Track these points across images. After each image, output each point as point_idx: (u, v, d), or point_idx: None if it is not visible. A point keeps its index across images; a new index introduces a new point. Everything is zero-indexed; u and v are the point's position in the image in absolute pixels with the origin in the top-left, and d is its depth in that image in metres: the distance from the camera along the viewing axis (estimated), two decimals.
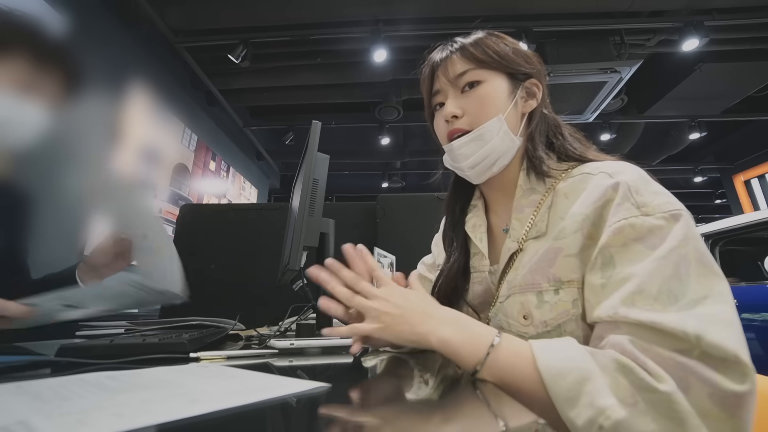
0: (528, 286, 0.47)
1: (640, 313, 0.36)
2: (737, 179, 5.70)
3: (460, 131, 0.57)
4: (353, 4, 2.86)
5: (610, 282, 0.40)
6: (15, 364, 0.42)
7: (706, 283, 0.37)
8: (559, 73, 3.06)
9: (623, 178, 0.44)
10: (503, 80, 0.57)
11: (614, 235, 0.41)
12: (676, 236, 0.38)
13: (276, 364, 0.48)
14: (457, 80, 0.57)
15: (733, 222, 2.39)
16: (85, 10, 2.30)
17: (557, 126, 0.59)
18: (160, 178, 3.09)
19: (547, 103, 0.60)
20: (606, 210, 0.43)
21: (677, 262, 0.37)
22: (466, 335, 0.40)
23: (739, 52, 3.50)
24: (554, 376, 0.34)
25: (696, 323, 0.34)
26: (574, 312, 0.43)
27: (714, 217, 3.73)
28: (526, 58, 0.59)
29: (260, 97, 4.13)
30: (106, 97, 2.44)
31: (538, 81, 0.59)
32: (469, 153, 0.56)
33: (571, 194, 0.49)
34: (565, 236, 0.45)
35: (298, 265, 0.66)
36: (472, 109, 0.56)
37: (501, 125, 0.55)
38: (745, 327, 2.05)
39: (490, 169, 0.58)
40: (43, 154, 0.55)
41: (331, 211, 0.78)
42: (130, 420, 0.21)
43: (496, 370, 0.38)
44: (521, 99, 0.58)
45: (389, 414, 0.29)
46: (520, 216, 0.54)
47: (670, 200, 0.42)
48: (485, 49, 0.57)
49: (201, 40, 3.15)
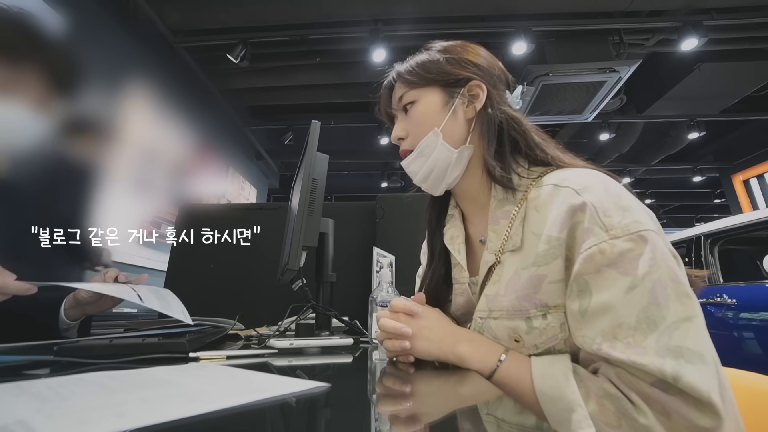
0: (516, 312, 0.47)
1: (621, 353, 0.38)
2: (736, 179, 5.71)
3: (407, 152, 0.60)
4: (352, 4, 2.86)
5: (588, 311, 0.41)
6: (15, 363, 0.42)
7: (685, 301, 0.38)
8: (558, 73, 3.06)
9: (589, 198, 0.43)
10: (437, 93, 0.58)
11: (586, 263, 0.41)
12: (647, 260, 0.39)
13: (275, 363, 0.48)
14: (399, 104, 0.61)
15: (732, 221, 2.39)
16: (84, 10, 2.30)
17: (516, 124, 0.56)
18: (159, 177, 3.08)
19: (501, 101, 0.57)
20: (577, 232, 0.43)
21: (652, 289, 0.38)
22: (478, 351, 0.47)
23: (738, 52, 3.51)
24: (547, 401, 0.40)
25: (673, 364, 0.36)
26: (562, 336, 0.45)
27: (713, 216, 3.74)
28: (461, 64, 0.58)
29: (259, 96, 4.13)
30: (105, 97, 2.44)
31: (482, 82, 0.57)
32: (416, 170, 0.59)
33: (541, 208, 0.48)
34: (546, 262, 0.45)
35: (298, 265, 0.66)
36: (411, 129, 0.60)
37: (437, 138, 0.56)
38: (745, 327, 2.07)
39: (443, 180, 0.58)
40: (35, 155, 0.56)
41: (330, 210, 0.78)
42: (129, 419, 0.21)
43: (502, 384, 0.44)
44: (462, 105, 0.57)
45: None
46: (496, 228, 0.54)
47: (638, 218, 0.42)
48: (412, 69, 0.59)
49: (200, 39, 3.15)
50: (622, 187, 0.47)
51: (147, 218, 2.93)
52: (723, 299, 2.18)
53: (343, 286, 0.85)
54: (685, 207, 8.34)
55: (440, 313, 0.55)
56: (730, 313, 2.15)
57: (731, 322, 2.13)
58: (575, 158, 0.55)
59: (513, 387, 0.43)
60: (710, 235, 2.46)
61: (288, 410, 0.28)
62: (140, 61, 2.86)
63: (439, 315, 0.54)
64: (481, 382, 0.42)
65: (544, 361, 0.43)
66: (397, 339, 0.49)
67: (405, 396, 0.37)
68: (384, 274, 0.68)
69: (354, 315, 0.83)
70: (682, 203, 8.13)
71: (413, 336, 0.49)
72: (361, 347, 0.63)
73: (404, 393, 0.38)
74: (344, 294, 0.88)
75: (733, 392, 0.41)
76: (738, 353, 2.08)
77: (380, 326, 0.51)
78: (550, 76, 3.07)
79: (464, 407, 0.34)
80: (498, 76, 0.59)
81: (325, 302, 0.74)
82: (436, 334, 0.50)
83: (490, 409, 0.33)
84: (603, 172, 0.49)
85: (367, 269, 1.08)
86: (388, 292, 0.66)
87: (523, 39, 2.93)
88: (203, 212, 1.40)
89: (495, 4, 2.87)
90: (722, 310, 2.18)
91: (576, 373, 0.41)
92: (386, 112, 0.65)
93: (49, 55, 0.62)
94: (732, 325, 2.13)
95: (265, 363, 0.48)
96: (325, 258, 0.77)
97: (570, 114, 3.68)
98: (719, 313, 2.19)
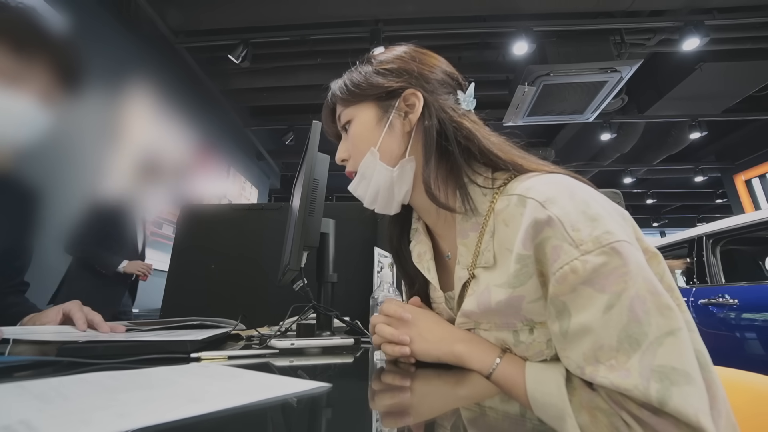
0: (503, 324, 0.47)
1: (604, 377, 0.37)
2: (738, 179, 5.70)
3: (352, 173, 0.58)
4: (353, 4, 2.86)
5: (569, 333, 0.39)
6: (17, 363, 0.43)
7: (666, 314, 0.37)
8: (559, 73, 3.05)
9: (555, 211, 0.41)
10: (371, 108, 0.55)
11: (560, 285, 0.39)
12: (622, 274, 0.37)
13: (276, 363, 0.48)
14: (340, 124, 0.59)
15: (734, 222, 2.38)
16: (85, 10, 2.31)
17: (461, 129, 0.51)
18: (160, 178, 3.09)
19: (442, 107, 0.53)
20: (546, 248, 0.41)
21: (630, 305, 0.36)
22: (476, 351, 0.47)
23: (740, 52, 3.50)
24: (538, 407, 0.41)
25: (658, 387, 0.34)
26: (548, 353, 0.44)
27: (714, 216, 3.72)
28: (393, 73, 0.54)
29: (260, 97, 4.13)
30: (106, 97, 2.44)
31: (417, 90, 0.53)
32: (362, 194, 0.57)
33: (510, 222, 0.46)
34: (522, 283, 0.43)
35: (299, 265, 0.66)
36: (351, 150, 0.57)
37: (375, 158, 0.54)
38: (746, 327, 2.07)
39: (393, 200, 0.56)
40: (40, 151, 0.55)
41: (331, 211, 0.78)
42: (132, 419, 0.21)
43: (499, 385, 0.44)
44: (399, 118, 0.54)
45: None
46: (465, 242, 0.51)
47: (608, 228, 0.39)
48: (343, 86, 0.57)
49: (201, 40, 3.16)
50: (589, 191, 0.44)
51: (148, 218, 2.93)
52: (725, 300, 2.18)
53: (344, 286, 0.85)
54: (686, 207, 8.33)
55: (434, 314, 0.55)
56: (732, 313, 2.14)
57: (733, 322, 2.13)
58: (538, 161, 0.51)
59: (509, 389, 0.44)
60: (712, 236, 2.46)
61: (289, 410, 0.28)
62: (141, 62, 2.87)
63: (434, 316, 0.54)
64: (481, 382, 0.42)
65: (539, 367, 0.43)
66: (396, 344, 0.49)
67: (406, 396, 0.37)
68: (385, 275, 0.68)
69: (355, 315, 0.83)
70: (684, 203, 8.12)
71: (412, 340, 0.49)
72: (363, 347, 0.63)
73: (405, 393, 0.38)
74: (345, 294, 0.88)
75: (729, 402, 0.40)
76: (740, 354, 2.07)
77: (377, 332, 0.51)
78: (551, 76, 3.07)
79: (466, 406, 0.34)
80: (440, 81, 0.55)
81: (326, 302, 0.74)
82: (434, 334, 0.50)
83: (492, 408, 0.33)
84: (569, 175, 0.47)
85: (368, 269, 1.08)
86: (389, 293, 0.66)
87: (524, 39, 2.93)
88: (204, 212, 1.40)
89: (496, 4, 2.87)
90: (724, 311, 2.18)
91: (570, 382, 0.40)
92: (333, 132, 0.63)
93: (51, 52, 0.61)
94: (734, 325, 2.12)
95: (267, 363, 0.48)
96: (326, 258, 0.77)
97: (571, 114, 3.68)
98: (721, 313, 2.18)
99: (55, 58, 0.64)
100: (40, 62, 0.62)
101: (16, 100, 0.58)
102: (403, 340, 0.48)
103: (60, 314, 0.65)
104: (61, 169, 2.03)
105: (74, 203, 2.04)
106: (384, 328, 0.50)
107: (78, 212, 2.04)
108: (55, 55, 0.64)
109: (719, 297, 2.21)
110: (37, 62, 0.62)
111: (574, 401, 0.38)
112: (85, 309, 0.67)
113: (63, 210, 2.00)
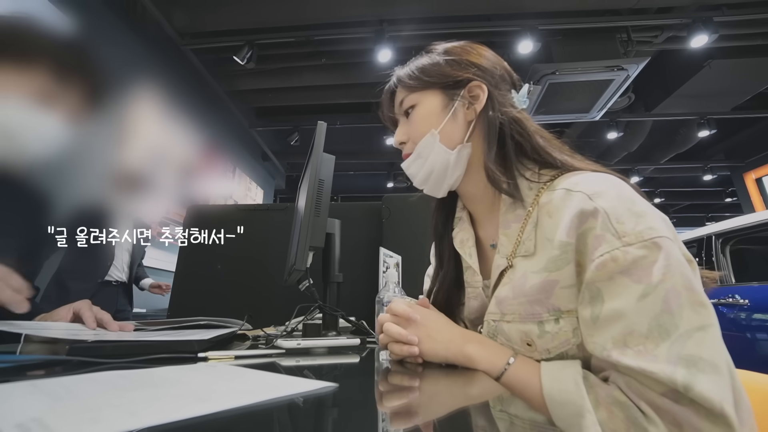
0: (528, 315, 0.47)
1: (631, 359, 0.37)
2: (748, 177, 5.61)
3: (408, 155, 0.60)
4: (357, 5, 2.87)
5: (600, 317, 0.40)
6: (29, 362, 0.43)
7: (699, 310, 0.37)
8: (565, 72, 3.03)
9: (602, 203, 0.42)
10: (436, 96, 0.58)
11: (598, 271, 0.40)
12: (661, 268, 0.38)
13: (283, 363, 0.48)
14: (401, 109, 0.61)
15: (744, 221, 2.35)
16: (93, 12, 2.33)
17: (519, 126, 0.54)
18: (167, 178, 3.12)
19: (503, 102, 0.56)
20: (588, 238, 0.42)
21: (665, 297, 0.37)
22: (486, 352, 0.47)
23: (750, 48, 3.45)
24: (555, 405, 0.40)
25: (685, 373, 0.35)
26: (574, 341, 0.44)
27: (724, 215, 3.67)
28: (461, 65, 0.57)
29: (265, 97, 4.16)
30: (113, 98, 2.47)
31: (482, 83, 0.56)
32: (415, 172, 0.59)
33: (554, 213, 0.47)
34: (558, 268, 0.44)
35: (305, 266, 0.66)
36: (411, 133, 0.59)
37: (434, 140, 0.56)
38: (758, 328, 2.04)
39: (444, 182, 0.58)
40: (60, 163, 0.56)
41: (336, 211, 0.78)
42: (141, 418, 0.21)
43: (509, 387, 0.44)
44: (462, 107, 0.57)
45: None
46: (507, 232, 0.53)
47: (652, 224, 0.40)
48: (412, 73, 0.59)
49: (207, 41, 3.18)
50: (635, 191, 0.46)
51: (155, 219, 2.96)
52: (735, 300, 2.15)
53: (350, 286, 0.85)
54: (695, 206, 8.21)
55: (442, 315, 0.55)
56: (742, 313, 2.11)
57: (744, 323, 2.10)
58: (586, 160, 0.53)
59: (521, 390, 0.43)
60: (722, 235, 2.42)
61: (296, 410, 0.28)
62: (148, 63, 2.90)
63: (442, 317, 0.54)
64: (489, 382, 0.42)
65: (554, 366, 0.43)
66: (404, 343, 0.49)
67: (413, 396, 0.37)
68: (390, 275, 0.68)
69: (361, 315, 0.83)
70: (692, 202, 8.00)
71: (420, 340, 0.49)
72: (368, 347, 0.63)
73: (412, 393, 0.38)
74: (351, 294, 0.88)
75: (749, 400, 0.40)
76: (751, 355, 2.04)
77: (385, 331, 0.51)
78: (557, 74, 3.05)
79: (473, 406, 0.34)
80: (501, 76, 0.58)
81: (332, 302, 0.74)
82: (443, 335, 0.50)
83: (501, 408, 0.33)
84: (615, 175, 0.48)
85: (374, 269, 1.08)
86: (394, 293, 0.66)
87: (530, 37, 2.91)
88: (210, 213, 1.41)
89: (500, 2, 2.85)
90: (735, 311, 2.15)
91: (586, 380, 0.40)
92: (388, 117, 0.65)
93: (55, 56, 0.62)
94: (745, 326, 2.09)
95: (273, 363, 0.48)
96: (331, 258, 0.77)
97: (577, 113, 3.65)
98: (732, 313, 2.15)
99: (87, 82, 0.65)
100: (74, 85, 0.63)
101: (45, 119, 0.59)
102: (412, 340, 0.49)
103: (70, 313, 0.67)
104: (69, 175, 2.05)
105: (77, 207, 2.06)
106: (392, 327, 0.50)
107: (78, 214, 2.06)
108: (88, 80, 0.66)
109: (729, 297, 2.18)
110: (71, 85, 0.63)
111: (590, 399, 0.38)
112: (95, 308, 0.68)
113: (68, 214, 2.02)
